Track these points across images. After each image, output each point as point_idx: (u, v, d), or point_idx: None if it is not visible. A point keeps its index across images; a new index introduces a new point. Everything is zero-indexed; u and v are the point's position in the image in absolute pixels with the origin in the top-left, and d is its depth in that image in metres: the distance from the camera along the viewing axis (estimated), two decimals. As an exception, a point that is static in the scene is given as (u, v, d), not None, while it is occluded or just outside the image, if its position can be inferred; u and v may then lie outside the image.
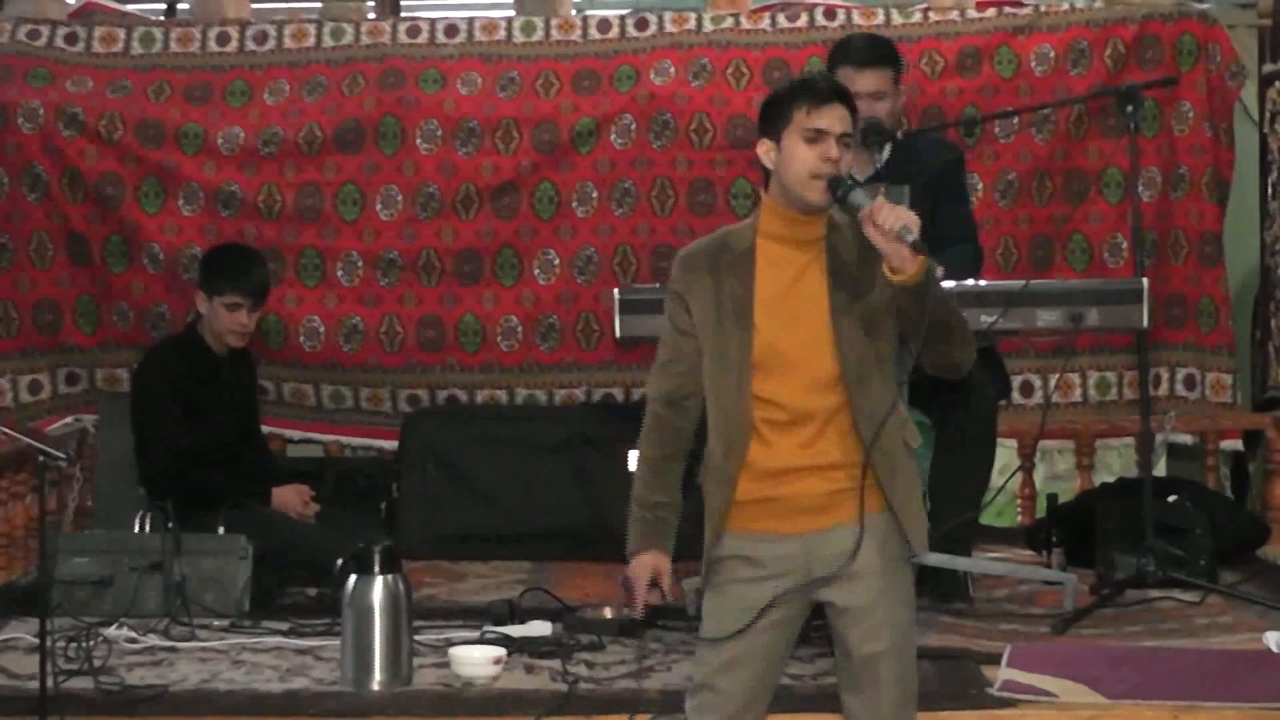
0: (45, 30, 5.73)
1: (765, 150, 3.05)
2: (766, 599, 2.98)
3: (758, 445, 2.98)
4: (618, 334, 4.50)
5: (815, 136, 2.97)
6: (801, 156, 2.98)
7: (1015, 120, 5.56)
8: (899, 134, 4.50)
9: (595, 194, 5.59)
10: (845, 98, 3.02)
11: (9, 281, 5.60)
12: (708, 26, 5.67)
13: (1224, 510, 5.15)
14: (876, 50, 4.55)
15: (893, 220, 2.85)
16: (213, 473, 4.85)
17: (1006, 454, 5.73)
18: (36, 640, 3.38)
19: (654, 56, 5.61)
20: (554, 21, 5.73)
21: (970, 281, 4.35)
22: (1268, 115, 5.64)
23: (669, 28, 5.68)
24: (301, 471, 5.27)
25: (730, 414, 2.99)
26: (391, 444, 5.65)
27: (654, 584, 3.08)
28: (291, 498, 4.97)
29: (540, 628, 4.22)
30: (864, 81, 4.46)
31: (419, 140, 5.58)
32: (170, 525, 4.50)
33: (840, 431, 2.97)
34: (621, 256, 5.59)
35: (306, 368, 5.56)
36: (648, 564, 3.08)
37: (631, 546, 3.11)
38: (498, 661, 3.81)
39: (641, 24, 5.70)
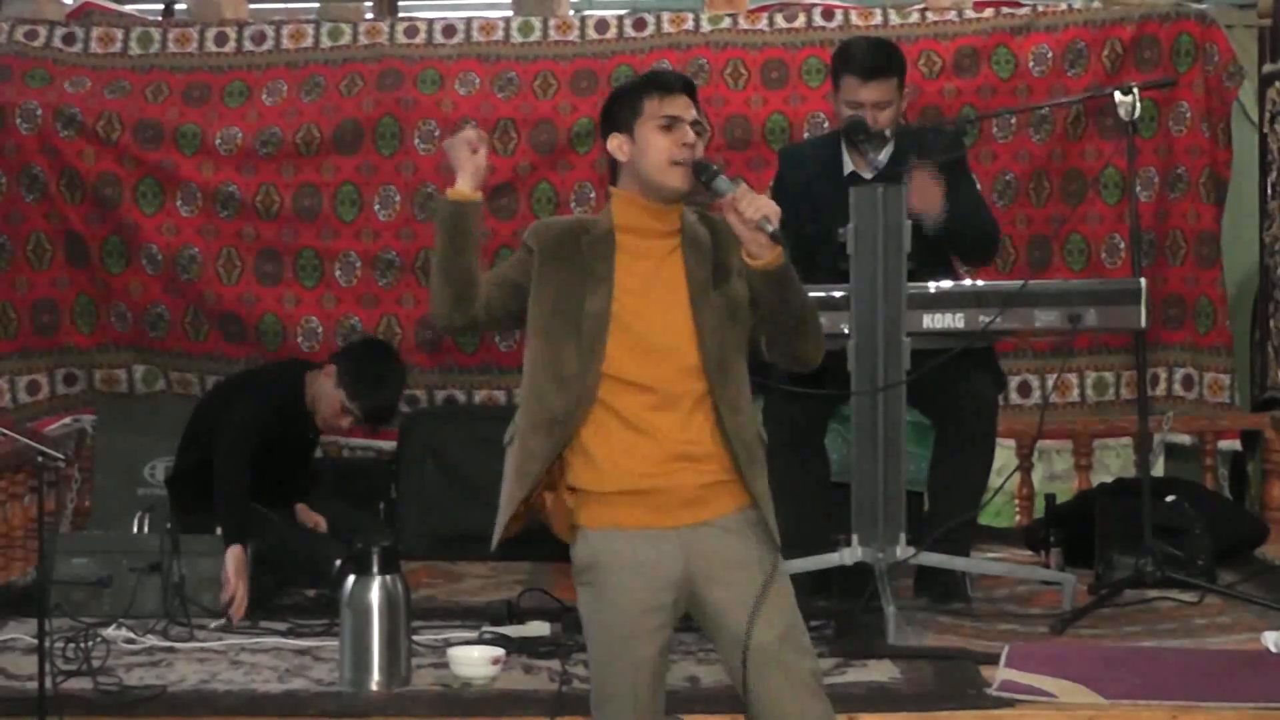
0: (43, 31, 5.73)
1: (617, 144, 3.11)
2: (655, 597, 2.96)
3: (629, 431, 2.97)
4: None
5: (670, 124, 3.06)
6: (658, 144, 3.05)
7: (1013, 120, 5.56)
8: (886, 133, 4.49)
9: (593, 194, 5.59)
10: (691, 87, 3.13)
11: (7, 282, 5.60)
12: (705, 27, 5.68)
13: (1222, 510, 5.15)
14: (881, 60, 4.54)
15: (753, 210, 2.93)
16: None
17: (1004, 454, 5.72)
18: (35, 641, 3.38)
19: (652, 57, 5.61)
20: (552, 22, 5.73)
21: (968, 282, 4.35)
22: (1267, 115, 5.64)
23: (667, 28, 5.68)
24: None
25: (571, 382, 2.99)
26: (390, 444, 5.65)
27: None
28: (310, 519, 4.91)
29: (539, 628, 4.22)
30: (868, 93, 4.46)
31: (417, 141, 5.58)
32: (169, 526, 4.50)
33: (708, 421, 3.00)
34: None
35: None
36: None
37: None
38: (496, 662, 3.81)
39: (639, 24, 5.70)
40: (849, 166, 4.55)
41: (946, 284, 4.29)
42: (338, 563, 4.51)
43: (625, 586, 2.98)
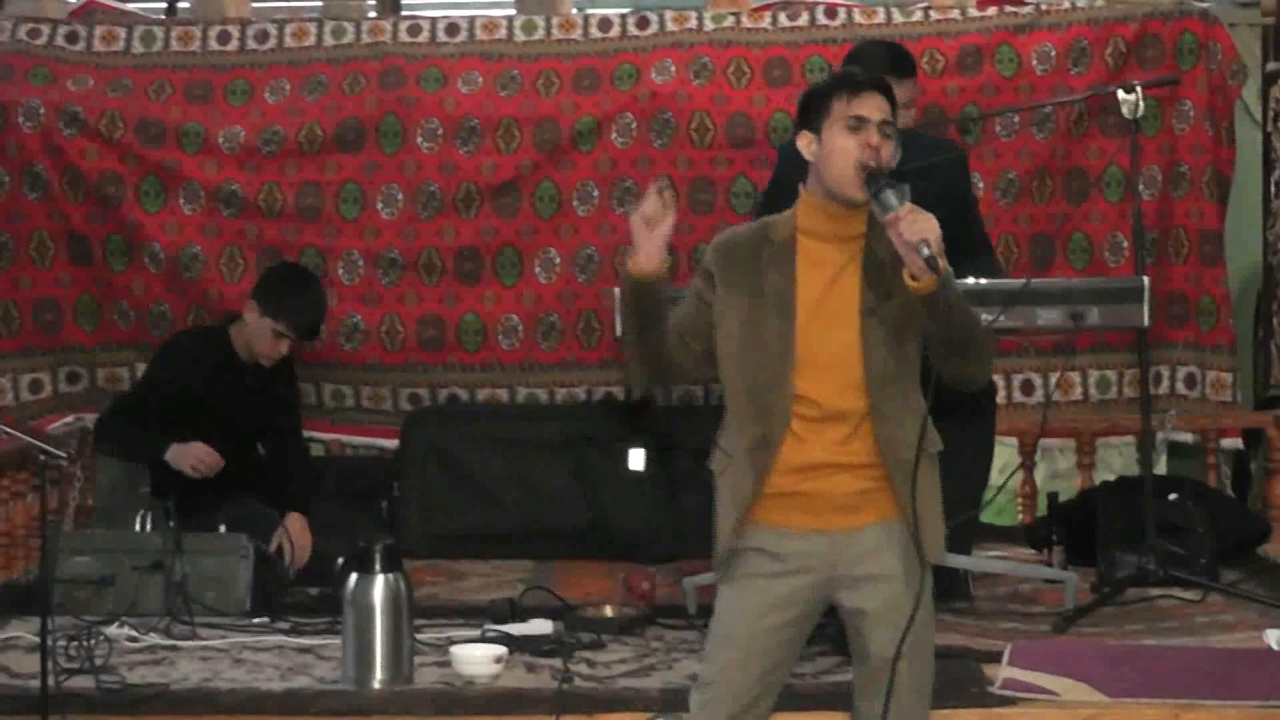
0: (46, 29, 5.73)
1: (806, 143, 3.03)
2: (786, 595, 2.98)
3: (791, 440, 2.96)
4: (619, 333, 4.48)
5: (857, 125, 2.96)
6: (843, 146, 2.96)
7: (1016, 119, 5.56)
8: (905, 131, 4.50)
9: (596, 193, 5.59)
10: (884, 88, 3.01)
11: (10, 281, 5.60)
12: (708, 25, 5.67)
13: (1224, 509, 5.15)
14: (899, 63, 4.55)
15: (913, 232, 2.81)
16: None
17: (1007, 452, 5.73)
18: (38, 639, 3.38)
19: (655, 55, 5.62)
20: (555, 20, 5.73)
21: (970, 280, 4.34)
22: (1270, 114, 5.64)
23: (670, 26, 5.68)
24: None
25: (766, 406, 2.97)
26: (392, 443, 5.66)
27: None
28: (297, 532, 4.86)
29: (541, 626, 4.22)
30: (896, 93, 4.45)
31: (420, 139, 5.58)
32: (171, 524, 4.50)
33: (870, 435, 2.96)
34: (622, 255, 5.57)
35: (307, 366, 5.54)
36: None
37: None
38: (499, 660, 3.81)
39: (642, 23, 5.70)
40: None
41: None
42: (340, 561, 4.51)
43: (759, 577, 2.99)
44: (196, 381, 4.87)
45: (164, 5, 6.15)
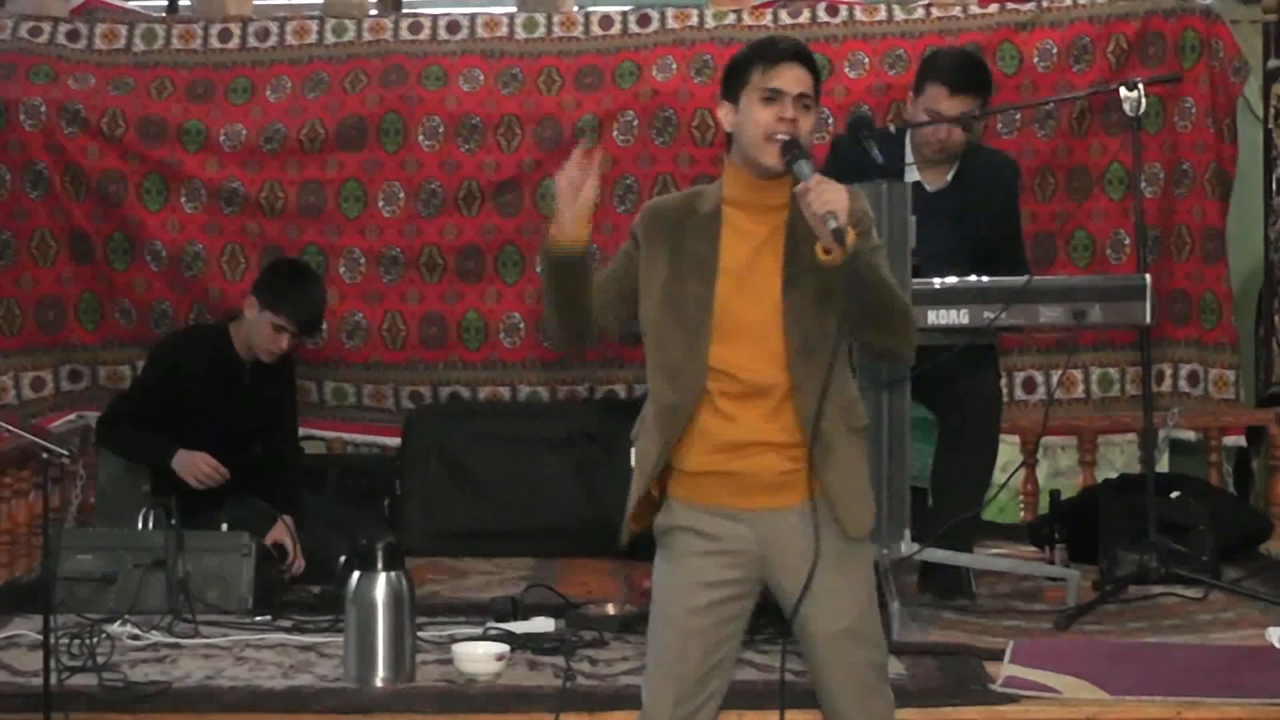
0: (47, 27, 5.72)
1: (725, 113, 3.01)
2: (717, 574, 2.95)
3: (715, 417, 2.93)
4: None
5: (772, 96, 2.93)
6: (757, 117, 2.93)
7: (1018, 116, 5.56)
8: (891, 128, 4.52)
9: (597, 191, 5.57)
10: (804, 58, 2.97)
11: (11, 279, 5.60)
12: (710, 23, 5.67)
13: (1227, 506, 5.16)
14: (970, 77, 4.56)
15: (821, 203, 2.79)
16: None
17: (1009, 450, 5.73)
18: (40, 637, 3.38)
19: (656, 53, 5.61)
20: (556, 18, 5.73)
21: (972, 278, 4.34)
22: (1272, 111, 5.64)
23: (671, 24, 5.68)
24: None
25: (678, 372, 2.94)
26: (394, 441, 5.65)
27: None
28: (284, 538, 4.85)
29: (543, 624, 4.23)
30: (953, 105, 4.49)
31: (421, 137, 5.58)
32: (174, 522, 4.51)
33: (794, 410, 2.92)
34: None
35: (309, 364, 5.55)
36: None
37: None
38: (501, 658, 3.82)
39: (643, 20, 5.70)
40: (914, 175, 4.56)
41: (952, 280, 4.29)
42: (342, 559, 4.51)
43: (690, 556, 2.97)
44: (193, 381, 4.88)
45: (165, 3, 6.15)
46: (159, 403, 4.88)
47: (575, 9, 5.82)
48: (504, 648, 3.86)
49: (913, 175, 4.58)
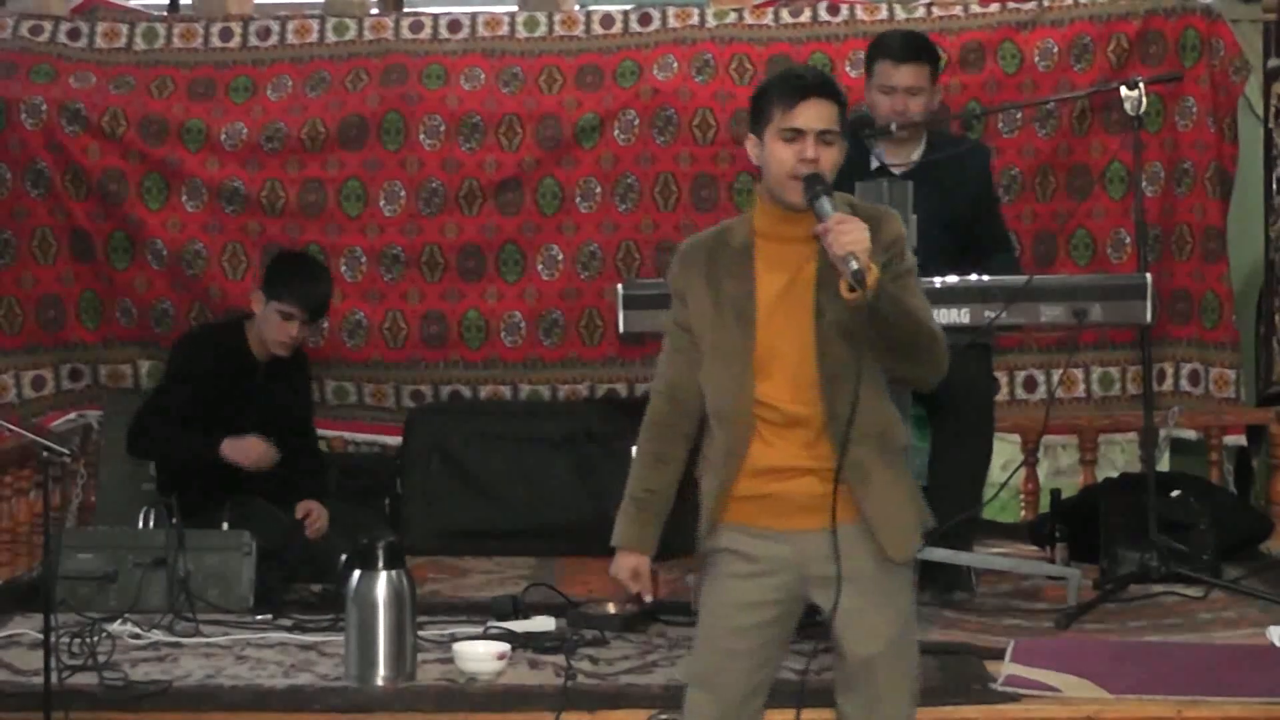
0: (48, 26, 5.73)
1: (752, 146, 3.02)
2: (759, 595, 2.98)
3: (759, 444, 2.96)
4: (621, 329, 4.50)
5: (792, 136, 2.92)
6: (779, 156, 2.93)
7: (1018, 116, 5.56)
8: (892, 128, 4.52)
9: (598, 190, 5.59)
10: (826, 91, 2.95)
11: (12, 278, 5.60)
12: (710, 22, 5.67)
13: (1227, 505, 5.15)
14: (914, 46, 4.60)
15: (840, 245, 2.78)
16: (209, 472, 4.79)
17: (1010, 449, 5.73)
18: (41, 636, 3.38)
19: (657, 52, 5.61)
20: (557, 17, 5.73)
21: (974, 276, 4.34)
22: (1273, 110, 5.63)
23: (672, 23, 5.68)
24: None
25: (730, 412, 2.97)
26: (395, 440, 5.65)
27: (636, 578, 3.08)
28: (316, 513, 4.88)
29: (544, 623, 4.23)
30: (901, 76, 4.51)
31: (422, 136, 5.58)
32: (174, 521, 4.51)
33: (830, 437, 2.93)
34: (625, 252, 5.59)
35: (309, 363, 5.55)
36: (624, 565, 3.09)
37: (614, 540, 3.10)
38: (501, 657, 3.82)
39: (644, 19, 5.70)
40: (876, 162, 4.56)
41: (952, 279, 4.29)
42: (343, 558, 4.51)
43: (733, 579, 2.99)
44: (210, 379, 4.86)
45: (166, 2, 6.14)
46: (182, 402, 4.85)
47: (576, 8, 5.82)
48: (505, 647, 3.86)
49: (875, 161, 4.57)
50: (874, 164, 4.56)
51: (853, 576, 2.91)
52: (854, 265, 2.76)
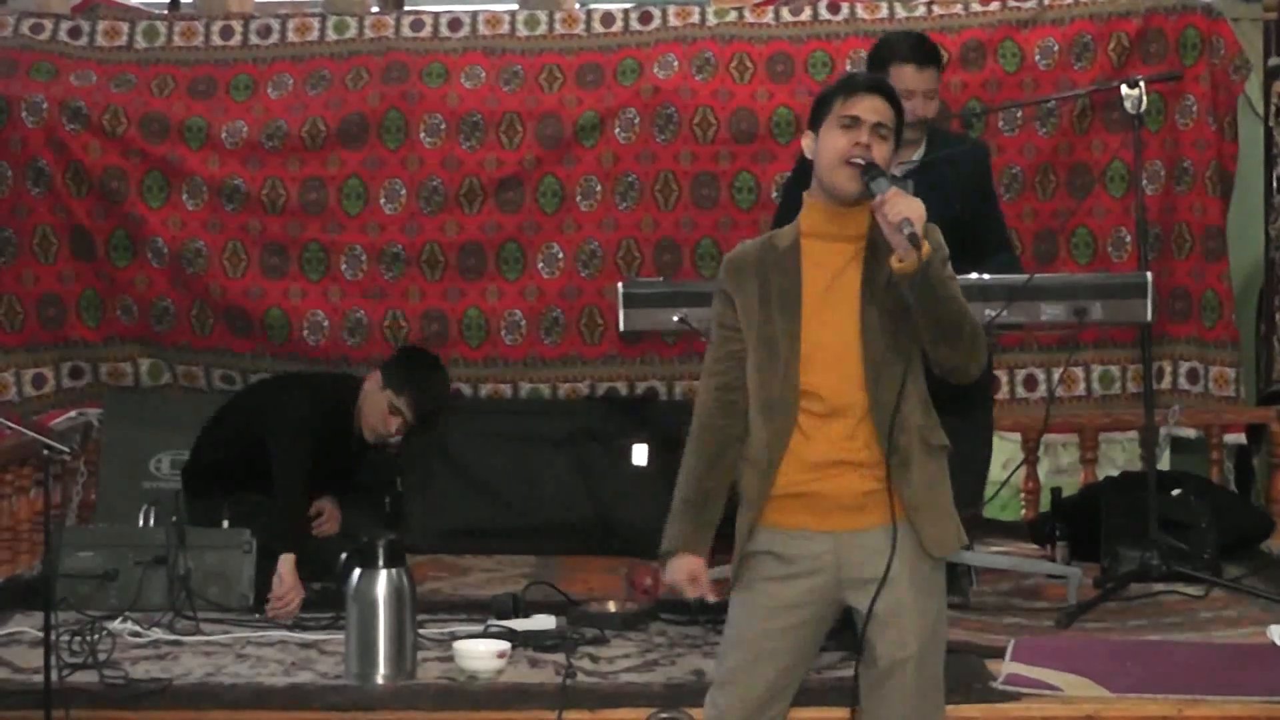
0: (49, 24, 5.73)
1: (807, 142, 3.09)
2: (794, 597, 2.99)
3: (800, 438, 2.98)
4: (621, 328, 4.50)
5: (850, 124, 3.00)
6: (834, 143, 3.01)
7: (1019, 114, 5.56)
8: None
9: (599, 188, 5.58)
10: (884, 91, 3.05)
11: (13, 276, 5.60)
12: (711, 20, 5.67)
13: (1228, 504, 5.15)
14: (927, 49, 4.58)
15: (894, 211, 2.87)
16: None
17: (1010, 448, 5.73)
18: (41, 634, 3.39)
19: (657, 50, 5.61)
20: (557, 15, 5.73)
21: (974, 275, 4.34)
22: (1273, 109, 5.63)
23: (672, 21, 5.68)
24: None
25: (775, 404, 2.99)
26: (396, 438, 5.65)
27: (694, 581, 3.08)
28: (327, 513, 4.88)
29: (544, 621, 4.23)
30: (918, 80, 4.49)
31: (422, 134, 5.58)
32: (174, 519, 4.51)
33: (873, 429, 2.97)
34: (625, 250, 5.59)
35: (310, 361, 5.55)
36: (681, 568, 3.08)
37: (667, 545, 3.10)
38: (502, 655, 3.82)
39: (645, 18, 5.70)
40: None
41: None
42: (344, 556, 4.51)
43: (768, 581, 3.00)
44: (322, 443, 4.70)
45: (167, 0, 6.15)
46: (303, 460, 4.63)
47: (576, 6, 5.82)
48: (505, 645, 3.86)
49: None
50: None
51: (891, 578, 2.93)
52: (909, 229, 2.84)
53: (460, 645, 3.85)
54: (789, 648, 3.01)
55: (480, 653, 3.82)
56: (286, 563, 4.43)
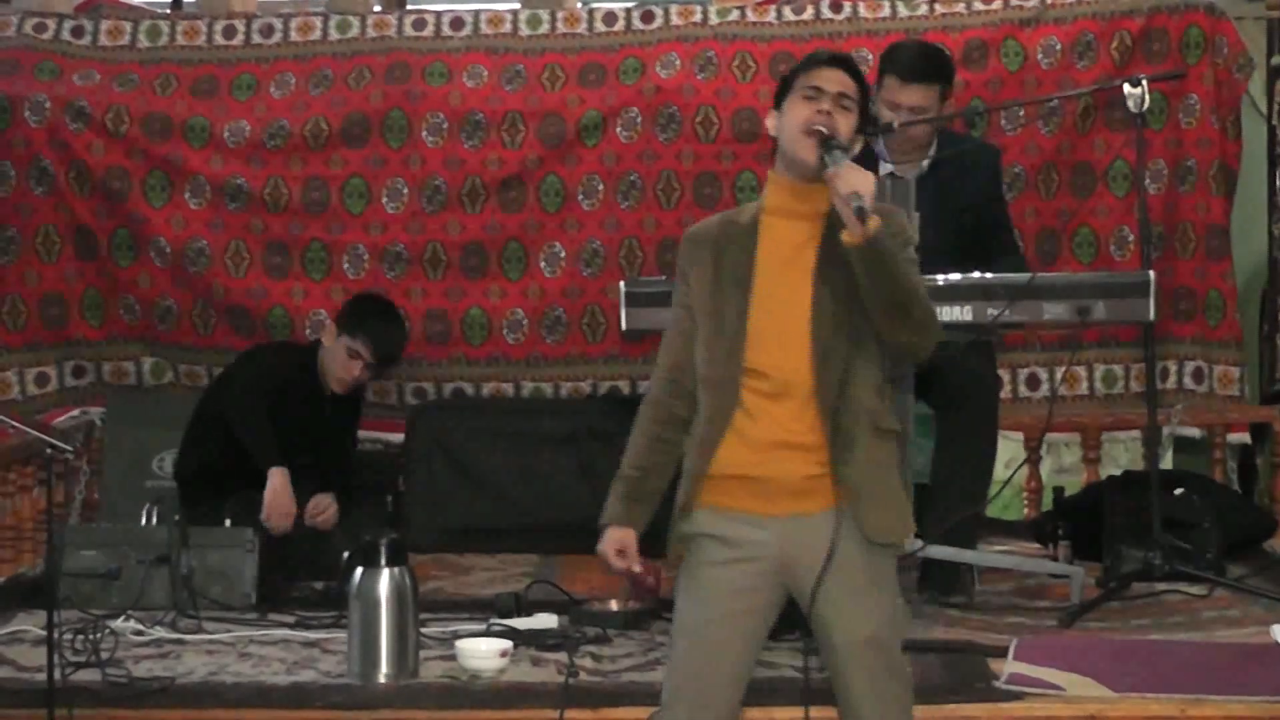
0: (52, 24, 5.73)
1: (771, 119, 3.11)
2: (739, 582, 2.96)
3: (745, 417, 2.96)
4: (624, 327, 4.49)
5: (812, 95, 3.02)
6: (797, 113, 3.03)
7: (1021, 113, 5.55)
8: (895, 125, 4.52)
9: (601, 187, 5.58)
10: (847, 65, 3.07)
11: (16, 275, 5.61)
12: (713, 19, 5.67)
13: (1231, 503, 5.15)
14: (923, 66, 4.55)
15: (845, 184, 2.88)
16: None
17: (1013, 447, 5.72)
18: (44, 633, 3.38)
19: (660, 49, 5.61)
20: (560, 14, 5.73)
21: (976, 274, 4.34)
22: (1276, 108, 5.63)
23: (675, 20, 5.68)
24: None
25: (719, 381, 2.98)
26: (398, 437, 5.65)
27: (621, 554, 3.07)
28: (324, 505, 4.88)
29: (546, 620, 4.23)
30: (907, 95, 4.47)
31: (425, 133, 5.58)
32: (177, 518, 4.51)
33: (818, 409, 2.94)
34: (627, 249, 5.59)
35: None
36: (611, 540, 3.08)
37: (603, 518, 3.10)
38: (504, 654, 3.82)
39: (647, 17, 5.70)
40: (888, 167, 4.55)
41: (955, 276, 4.29)
42: (346, 555, 4.52)
43: (711, 565, 2.99)
44: (282, 395, 4.85)
45: (169, 0, 6.16)
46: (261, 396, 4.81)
47: (579, 5, 5.83)
48: (507, 644, 3.86)
49: (886, 168, 4.58)
50: (883, 170, 4.55)
51: (841, 561, 2.90)
52: (856, 203, 2.85)
53: (462, 644, 3.85)
54: (740, 637, 2.98)
55: (482, 652, 3.82)
56: (276, 474, 4.54)
